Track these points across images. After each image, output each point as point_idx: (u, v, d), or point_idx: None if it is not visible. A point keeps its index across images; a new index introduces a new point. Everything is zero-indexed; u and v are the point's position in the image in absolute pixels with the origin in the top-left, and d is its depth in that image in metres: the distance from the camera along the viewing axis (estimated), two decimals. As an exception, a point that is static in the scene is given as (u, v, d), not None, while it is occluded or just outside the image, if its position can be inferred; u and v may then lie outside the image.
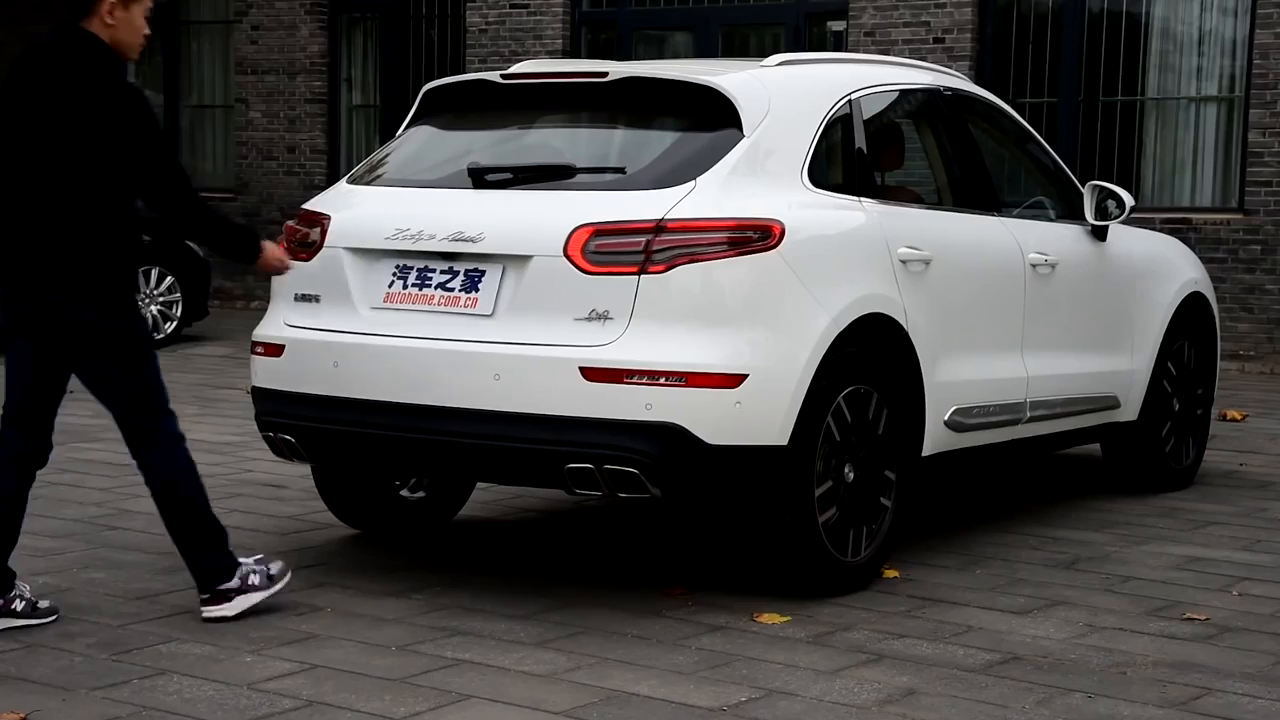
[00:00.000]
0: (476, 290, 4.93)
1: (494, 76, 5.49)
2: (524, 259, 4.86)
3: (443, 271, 5.02)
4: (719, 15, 13.54)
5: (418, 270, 5.06)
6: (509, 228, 4.94)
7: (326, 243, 5.24)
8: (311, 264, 5.25)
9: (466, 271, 4.97)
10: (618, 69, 5.33)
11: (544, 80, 5.44)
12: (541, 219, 4.90)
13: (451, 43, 14.83)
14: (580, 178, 5.10)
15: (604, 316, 4.72)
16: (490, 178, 5.14)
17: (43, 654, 4.41)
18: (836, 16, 13.11)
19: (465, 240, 4.94)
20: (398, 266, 5.10)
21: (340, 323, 5.15)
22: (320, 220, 5.30)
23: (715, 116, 5.11)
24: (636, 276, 4.75)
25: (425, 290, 5.02)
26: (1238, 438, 8.62)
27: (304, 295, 5.27)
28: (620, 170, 5.15)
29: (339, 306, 5.18)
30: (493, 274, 4.92)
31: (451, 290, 4.98)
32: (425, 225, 5.03)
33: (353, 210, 5.31)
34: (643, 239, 4.72)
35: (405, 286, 5.06)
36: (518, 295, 4.86)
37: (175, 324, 12.29)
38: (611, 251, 4.76)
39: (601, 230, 4.78)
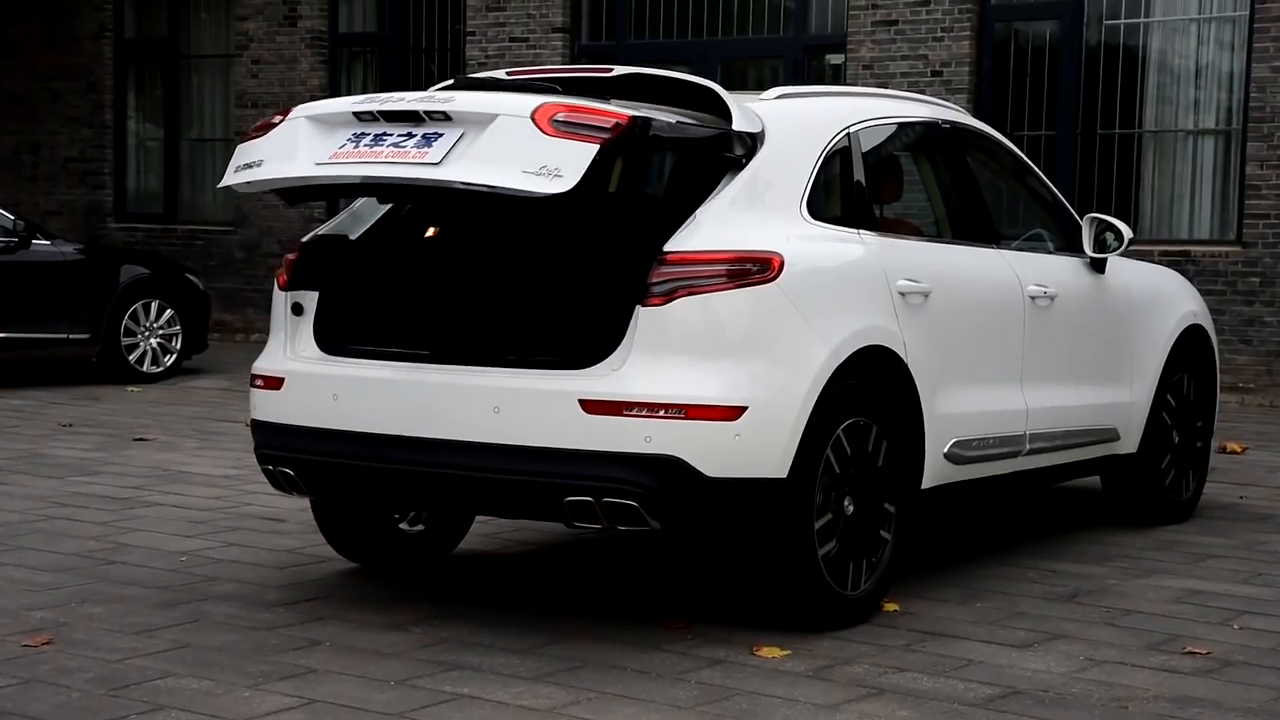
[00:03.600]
0: (429, 147, 4.79)
1: (499, 74, 5.53)
2: (488, 119, 4.73)
3: (400, 135, 4.87)
4: (718, 48, 13.59)
5: (374, 135, 4.91)
6: (480, 100, 4.89)
7: (287, 118, 5.13)
8: (266, 135, 5.12)
9: (425, 135, 4.82)
10: (623, 69, 5.39)
11: (548, 74, 5.46)
12: (513, 99, 4.82)
13: (451, 76, 14.87)
14: None
15: (555, 174, 4.58)
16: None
17: (40, 689, 4.39)
18: (835, 50, 13.17)
19: (432, 102, 4.84)
20: (354, 134, 4.96)
21: (275, 172, 5.03)
22: (286, 111, 5.24)
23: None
24: (638, 309, 4.76)
25: (376, 149, 4.88)
26: (1238, 470, 8.61)
27: (246, 164, 5.12)
28: None
29: (280, 164, 5.04)
30: (450, 135, 4.78)
31: (403, 148, 4.84)
32: (392, 98, 4.97)
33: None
34: (609, 125, 4.61)
35: (356, 146, 4.92)
36: (471, 148, 4.71)
37: (174, 357, 12.29)
38: (576, 123, 4.65)
39: (571, 109, 4.70)
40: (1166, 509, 7.11)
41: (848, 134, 5.54)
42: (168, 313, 12.24)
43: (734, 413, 4.75)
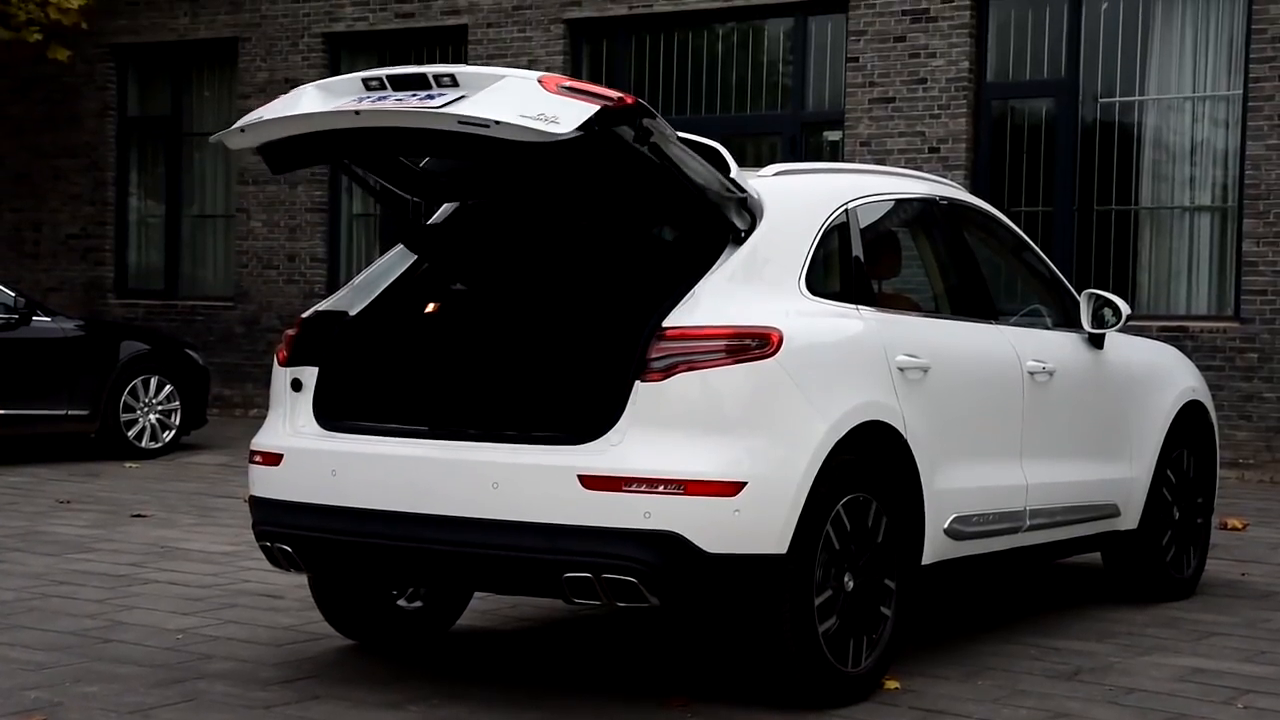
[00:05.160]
0: (434, 99, 4.78)
1: None
2: (495, 79, 4.76)
3: (406, 95, 4.84)
4: (716, 124, 13.68)
5: (379, 95, 4.90)
6: (488, 69, 4.89)
7: (295, 88, 5.13)
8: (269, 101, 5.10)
9: (430, 94, 4.81)
10: None
11: None
12: (521, 70, 4.81)
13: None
14: None
15: (552, 120, 4.56)
16: None
17: (33, 768, 4.35)
18: (833, 126, 13.26)
19: (440, 68, 4.82)
20: (361, 96, 4.93)
21: (273, 113, 4.98)
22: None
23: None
24: (637, 384, 4.76)
25: (380, 103, 4.86)
26: (1239, 547, 8.58)
27: (243, 126, 5.08)
28: None
29: (279, 111, 4.98)
30: (455, 94, 4.77)
31: (404, 100, 4.83)
32: (401, 68, 4.95)
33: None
34: (613, 97, 4.61)
35: (359, 101, 4.90)
36: (474, 98, 4.70)
37: (173, 432, 12.28)
38: (580, 90, 4.67)
39: (577, 81, 4.74)
40: (1168, 586, 7.07)
41: (846, 210, 5.57)
42: (167, 388, 12.25)
43: (733, 488, 4.74)
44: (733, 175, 5.14)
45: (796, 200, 5.46)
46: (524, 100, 4.63)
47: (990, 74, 12.65)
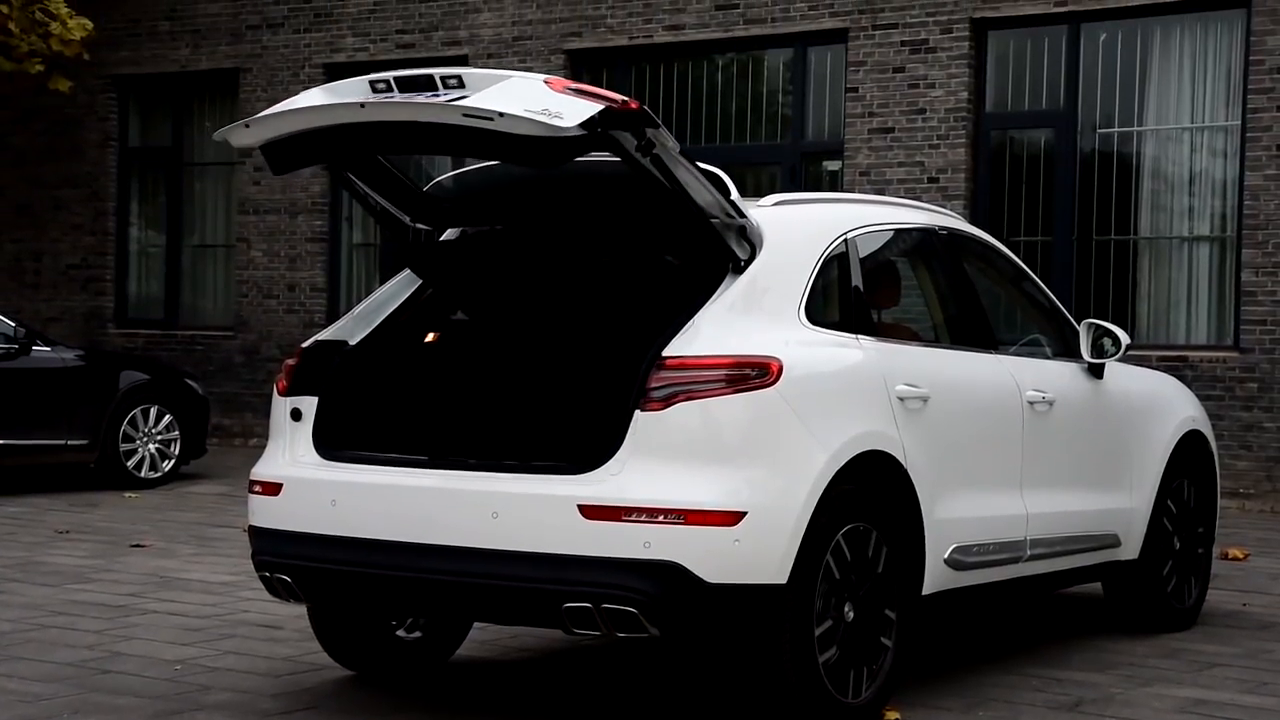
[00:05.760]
0: (439, 96, 4.80)
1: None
2: (501, 79, 4.78)
3: (414, 93, 4.85)
4: (716, 155, 13.68)
5: (385, 96, 4.90)
6: (495, 70, 4.91)
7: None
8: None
9: (436, 94, 4.82)
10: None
11: None
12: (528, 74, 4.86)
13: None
14: None
15: (556, 115, 4.57)
16: None
17: (31, 799, 4.33)
18: (832, 156, 13.29)
19: (447, 69, 4.85)
20: (367, 97, 4.93)
21: (278, 109, 4.99)
22: None
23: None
24: (637, 413, 4.76)
25: (387, 96, 4.89)
26: (1240, 577, 8.56)
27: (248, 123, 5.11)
28: None
29: (285, 105, 5.01)
30: (461, 93, 4.78)
31: (410, 95, 4.85)
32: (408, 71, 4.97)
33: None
34: (618, 100, 4.64)
35: (366, 97, 4.92)
36: (479, 92, 4.72)
37: (173, 462, 12.27)
38: (586, 91, 4.70)
39: (582, 84, 4.79)
40: (1169, 616, 7.06)
41: (845, 240, 5.58)
42: (166, 418, 12.24)
43: (733, 518, 4.73)
44: (733, 198, 5.15)
45: (796, 230, 5.47)
46: (529, 97, 4.65)
47: (989, 104, 12.69)
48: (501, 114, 4.58)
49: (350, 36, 15.16)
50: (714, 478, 4.76)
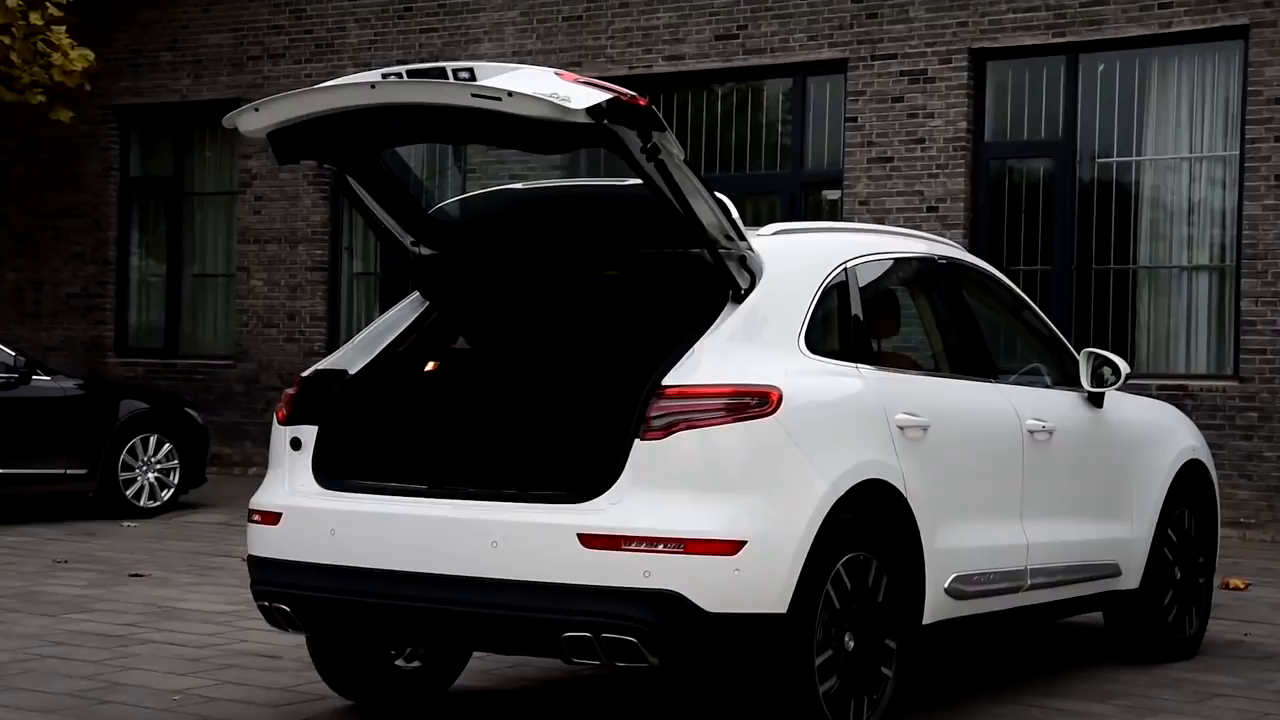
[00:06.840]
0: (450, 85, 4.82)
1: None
2: (512, 69, 4.80)
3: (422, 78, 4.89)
4: (716, 185, 13.64)
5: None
6: (504, 64, 4.93)
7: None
8: None
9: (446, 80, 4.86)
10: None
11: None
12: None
13: (452, 213, 15.02)
14: None
15: (564, 100, 4.59)
16: None
17: (28, 830, 4.32)
18: (832, 186, 13.32)
19: (458, 62, 4.87)
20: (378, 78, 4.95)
21: (288, 95, 5.02)
22: None
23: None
24: (637, 442, 4.76)
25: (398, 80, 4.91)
26: (1241, 607, 8.54)
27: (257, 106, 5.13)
28: None
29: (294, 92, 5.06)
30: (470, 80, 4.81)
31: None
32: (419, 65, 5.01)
33: None
34: (627, 94, 4.68)
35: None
36: (489, 79, 4.74)
37: (172, 491, 12.25)
38: (594, 84, 4.71)
39: (591, 77, 4.82)
40: (1170, 646, 7.04)
41: (845, 269, 5.58)
42: (166, 447, 12.23)
43: (733, 547, 4.73)
44: (734, 218, 5.15)
45: (795, 259, 5.48)
46: (539, 82, 4.68)
47: (988, 134, 12.72)
48: (511, 93, 4.61)
49: (351, 67, 15.18)
50: (714, 507, 4.76)
